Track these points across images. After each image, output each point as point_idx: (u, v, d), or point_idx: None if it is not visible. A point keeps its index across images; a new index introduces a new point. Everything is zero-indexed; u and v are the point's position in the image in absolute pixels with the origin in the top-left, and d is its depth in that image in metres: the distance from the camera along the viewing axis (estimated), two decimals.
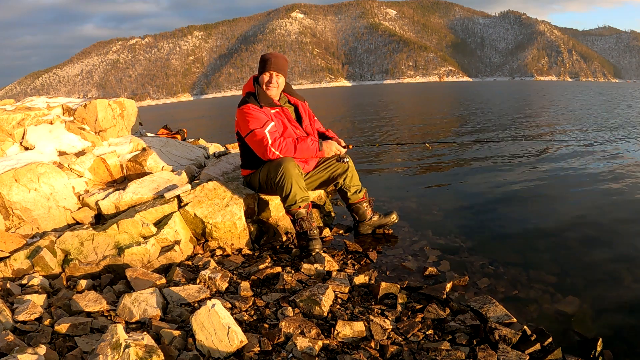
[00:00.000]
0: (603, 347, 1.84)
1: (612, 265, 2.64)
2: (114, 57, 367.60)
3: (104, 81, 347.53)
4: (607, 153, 6.25)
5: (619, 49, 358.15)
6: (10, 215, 2.82)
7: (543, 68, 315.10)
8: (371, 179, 5.34)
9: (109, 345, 1.46)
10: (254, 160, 3.04)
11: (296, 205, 2.85)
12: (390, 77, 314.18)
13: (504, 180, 4.89)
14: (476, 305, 2.13)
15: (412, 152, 7.18)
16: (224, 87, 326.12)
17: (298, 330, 1.83)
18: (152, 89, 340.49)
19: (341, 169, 3.20)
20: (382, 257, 2.89)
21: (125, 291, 2.22)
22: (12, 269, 2.40)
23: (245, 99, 3.00)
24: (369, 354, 1.74)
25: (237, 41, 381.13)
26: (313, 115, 3.31)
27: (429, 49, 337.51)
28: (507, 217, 3.65)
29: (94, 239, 2.58)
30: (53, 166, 3.16)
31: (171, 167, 3.60)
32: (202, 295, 2.11)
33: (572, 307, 2.19)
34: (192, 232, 2.93)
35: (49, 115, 3.66)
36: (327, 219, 3.64)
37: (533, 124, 10.60)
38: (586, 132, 8.61)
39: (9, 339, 1.61)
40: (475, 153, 6.77)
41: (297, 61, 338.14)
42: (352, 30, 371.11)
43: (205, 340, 1.64)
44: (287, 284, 2.31)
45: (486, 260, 2.77)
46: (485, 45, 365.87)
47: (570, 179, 4.85)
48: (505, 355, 1.74)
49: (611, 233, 3.17)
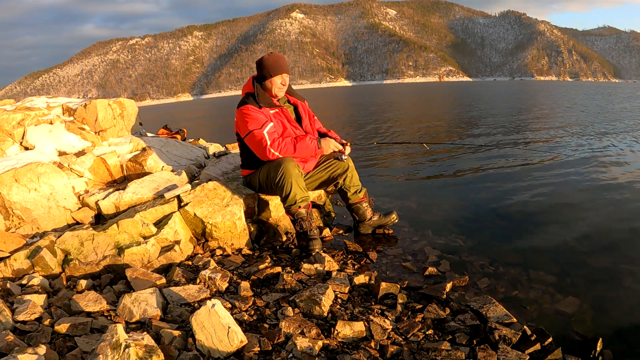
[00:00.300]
0: (603, 347, 1.84)
1: (612, 265, 2.64)
2: (114, 57, 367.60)
3: (104, 81, 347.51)
4: (607, 153, 6.25)
5: (619, 49, 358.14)
6: (10, 215, 2.82)
7: (543, 68, 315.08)
8: (371, 179, 5.34)
9: (109, 345, 1.46)
10: (253, 160, 3.03)
11: (296, 205, 2.85)
12: (390, 77, 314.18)
13: (504, 180, 4.89)
14: (476, 305, 2.13)
15: (412, 153, 7.18)
16: (224, 87, 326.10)
17: (298, 330, 1.83)
18: (152, 89, 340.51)
19: (341, 169, 3.20)
20: (382, 257, 2.89)
21: (125, 291, 2.22)
22: (12, 269, 2.40)
23: (245, 99, 3.00)
24: (369, 354, 1.74)
25: (237, 41, 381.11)
26: (313, 115, 3.31)
27: (429, 49, 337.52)
28: (507, 217, 3.65)
29: (94, 239, 2.58)
30: (53, 166, 3.16)
31: (171, 167, 3.60)
32: (202, 295, 2.11)
33: (572, 307, 2.19)
34: (192, 232, 2.93)
35: (49, 115, 3.66)
36: (327, 219, 3.64)
37: (534, 124, 10.60)
38: (587, 133, 8.61)
39: (9, 339, 1.61)
40: (476, 154, 6.77)
41: (297, 61, 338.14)
42: (352, 30, 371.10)
43: (205, 340, 1.64)
44: (287, 284, 2.31)
45: (486, 260, 2.77)
46: (485, 45, 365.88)
47: (571, 179, 4.85)
48: (505, 355, 1.74)
49: (611, 233, 3.17)
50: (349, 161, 3.23)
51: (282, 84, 3.01)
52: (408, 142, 3.21)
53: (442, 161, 6.33)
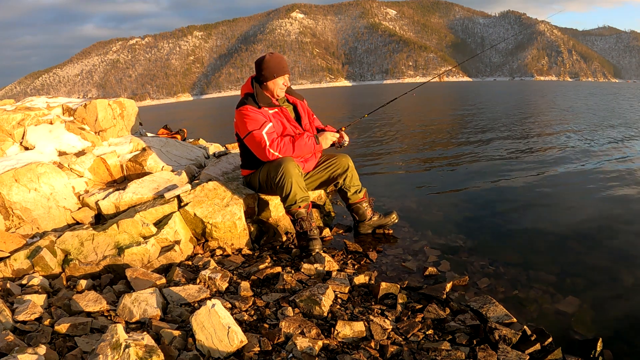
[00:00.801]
0: (603, 347, 1.84)
1: (612, 265, 2.64)
2: (114, 57, 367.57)
3: (104, 81, 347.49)
4: (608, 153, 6.25)
5: (619, 49, 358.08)
6: (10, 215, 2.82)
7: (543, 68, 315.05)
8: (371, 179, 5.34)
9: (109, 345, 1.46)
10: (253, 160, 3.03)
11: (296, 205, 2.85)
12: (390, 77, 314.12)
13: (504, 180, 4.89)
14: (476, 305, 2.13)
15: (412, 153, 7.18)
16: (224, 87, 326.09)
17: (298, 330, 1.83)
18: (152, 89, 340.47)
19: (341, 168, 3.20)
20: (382, 257, 2.89)
21: (125, 291, 2.22)
22: (12, 269, 2.40)
23: (244, 100, 2.99)
24: (369, 354, 1.74)
25: (237, 41, 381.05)
26: (312, 114, 3.31)
27: (429, 49, 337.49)
28: (507, 217, 3.65)
29: (94, 239, 2.58)
30: (53, 166, 3.16)
31: (171, 167, 3.60)
32: (202, 295, 2.11)
33: (572, 307, 2.19)
34: (192, 232, 2.93)
35: (49, 115, 3.66)
36: (327, 219, 3.64)
37: (534, 124, 10.59)
38: (588, 132, 8.61)
39: (9, 339, 1.61)
40: (476, 153, 6.77)
41: (297, 61, 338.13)
42: (352, 30, 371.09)
43: (205, 340, 1.64)
44: (287, 284, 2.31)
45: (486, 260, 2.77)
46: (485, 45, 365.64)
47: (570, 179, 4.85)
48: (505, 355, 1.74)
49: (611, 233, 3.17)
50: (348, 161, 3.24)
51: (284, 85, 3.03)
52: (394, 99, 3.23)
53: (443, 162, 6.34)
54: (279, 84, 2.99)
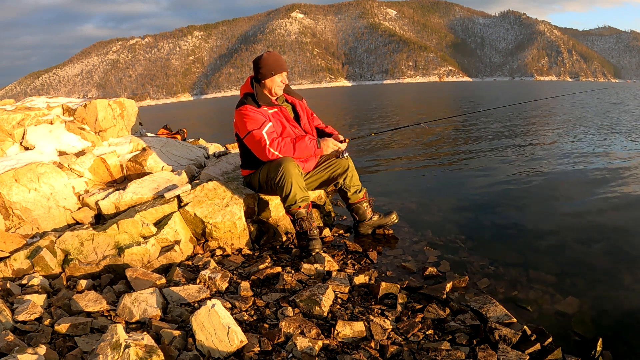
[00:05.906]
0: (603, 347, 1.84)
1: (612, 265, 2.64)
2: (114, 57, 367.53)
3: (104, 81, 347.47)
4: (608, 153, 6.25)
5: (619, 49, 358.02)
6: (10, 215, 2.82)
7: (543, 68, 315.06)
8: (371, 179, 5.34)
9: (109, 345, 1.46)
10: (253, 160, 3.03)
11: (296, 205, 2.85)
12: (390, 77, 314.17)
13: (504, 180, 4.89)
14: (476, 305, 2.13)
15: (412, 153, 7.18)
16: (224, 87, 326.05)
17: (298, 330, 1.83)
18: (152, 89, 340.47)
19: (341, 168, 3.20)
20: (382, 257, 2.89)
21: (125, 291, 2.21)
22: (12, 269, 2.40)
23: (243, 99, 2.99)
24: (369, 354, 1.74)
25: (237, 41, 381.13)
26: (312, 113, 3.31)
27: (429, 49, 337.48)
28: (507, 217, 3.65)
29: (94, 239, 2.57)
30: (53, 166, 3.16)
31: (171, 167, 3.60)
32: (202, 295, 2.11)
33: (572, 307, 2.19)
34: (192, 232, 2.93)
35: (49, 115, 3.66)
36: (327, 219, 3.64)
37: (536, 124, 10.59)
38: (588, 132, 8.61)
39: (9, 339, 1.61)
40: (476, 153, 6.77)
41: (297, 61, 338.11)
42: (352, 30, 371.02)
43: (205, 340, 1.64)
44: (287, 284, 2.31)
45: (486, 260, 2.77)
46: (485, 45, 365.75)
47: (570, 179, 4.85)
48: (505, 355, 1.74)
49: (611, 233, 3.17)
50: (349, 161, 3.23)
51: (282, 82, 3.02)
52: (406, 126, 3.22)
53: (443, 162, 6.33)
54: (277, 82, 2.99)
